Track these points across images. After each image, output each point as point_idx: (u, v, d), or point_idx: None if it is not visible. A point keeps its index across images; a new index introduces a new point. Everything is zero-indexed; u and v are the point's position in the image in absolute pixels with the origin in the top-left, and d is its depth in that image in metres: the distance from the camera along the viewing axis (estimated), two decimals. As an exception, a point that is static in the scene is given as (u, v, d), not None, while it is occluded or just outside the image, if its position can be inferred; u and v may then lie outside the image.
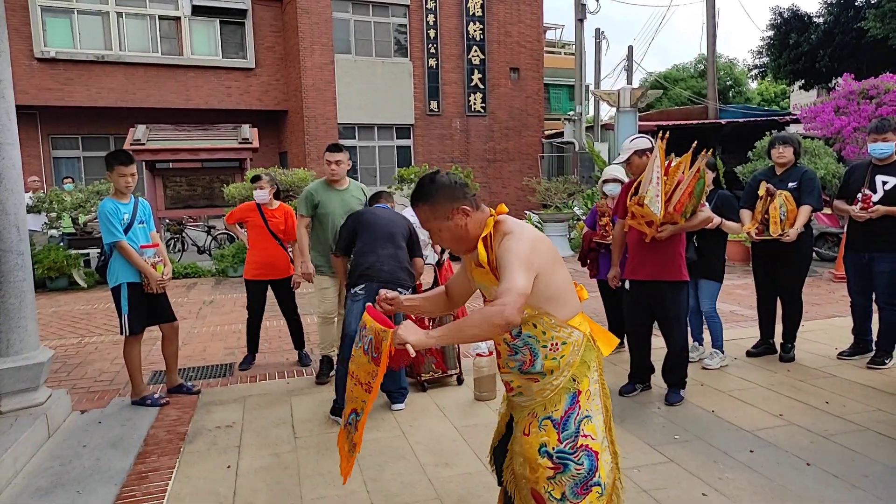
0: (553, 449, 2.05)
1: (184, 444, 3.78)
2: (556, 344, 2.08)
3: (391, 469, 3.37)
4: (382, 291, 2.28)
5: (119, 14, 16.69)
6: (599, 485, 2.06)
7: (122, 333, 4.30)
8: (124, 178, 4.23)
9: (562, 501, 2.04)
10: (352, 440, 2.10)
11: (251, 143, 11.50)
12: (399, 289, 3.97)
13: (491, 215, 2.13)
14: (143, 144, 11.06)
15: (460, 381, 4.73)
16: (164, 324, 4.55)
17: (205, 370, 5.35)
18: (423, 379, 4.61)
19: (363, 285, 3.99)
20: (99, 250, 7.10)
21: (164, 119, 15.46)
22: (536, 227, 13.11)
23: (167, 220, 12.97)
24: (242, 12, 17.55)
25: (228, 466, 3.47)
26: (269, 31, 18.09)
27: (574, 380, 2.09)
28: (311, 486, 3.21)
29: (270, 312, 5.68)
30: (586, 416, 2.08)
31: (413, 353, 1.94)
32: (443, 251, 5.01)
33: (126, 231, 4.23)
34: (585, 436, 2.07)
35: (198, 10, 17.12)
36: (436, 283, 4.93)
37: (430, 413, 4.18)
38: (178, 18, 17.20)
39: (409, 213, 5.12)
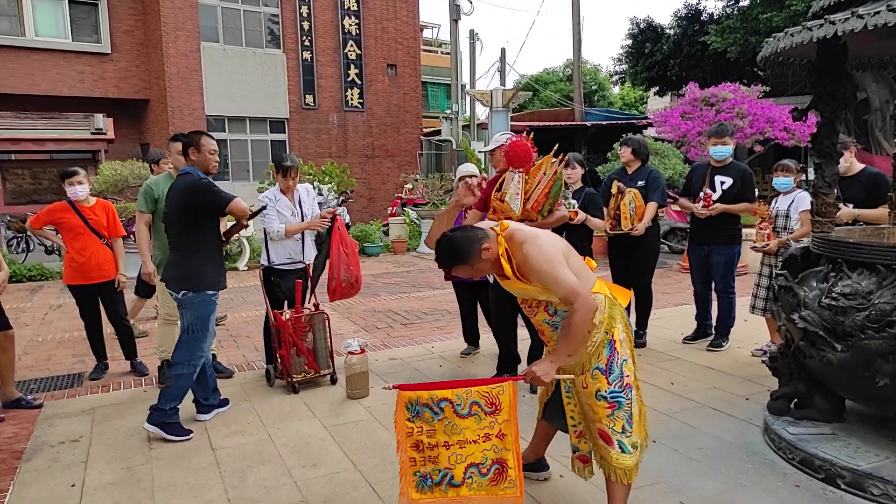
0: (606, 391, 2.48)
1: (20, 464, 3.43)
2: None
3: (255, 474, 3.26)
4: None
5: (-55, -15, 14.83)
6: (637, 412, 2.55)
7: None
8: None
9: (623, 433, 2.49)
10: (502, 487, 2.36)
11: (105, 133, 10.66)
12: (182, 291, 3.74)
13: (497, 234, 2.48)
14: (-24, 133, 9.92)
15: (334, 381, 4.67)
16: (-3, 332, 4.10)
17: (49, 381, 4.89)
18: (294, 380, 4.49)
19: None
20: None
21: (4, 106, 13.91)
22: (414, 223, 13.23)
23: (8, 217, 11.73)
24: (95, -8, 16.19)
25: (73, 484, 3.20)
26: (127, 13, 16.80)
27: (607, 332, 2.50)
28: (165, 499, 3.03)
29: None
30: (624, 360, 2.52)
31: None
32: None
33: None
34: (627, 375, 2.51)
35: (42, -13, 15.58)
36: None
37: (298, 414, 4.09)
38: (18, -6, 15.53)
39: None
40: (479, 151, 14.05)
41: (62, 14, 16.14)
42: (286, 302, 4.73)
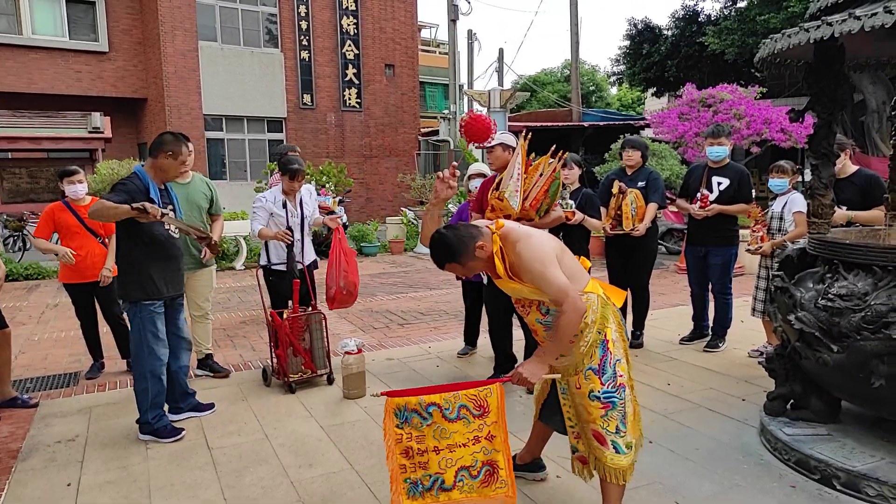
0: (599, 392, 2.48)
1: (16, 463, 3.42)
2: None
3: (251, 474, 3.26)
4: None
5: (-58, -17, 14.78)
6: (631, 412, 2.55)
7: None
8: None
9: (617, 433, 2.49)
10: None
11: (102, 132, 10.64)
12: (121, 300, 3.69)
13: (493, 232, 2.46)
14: (-27, 131, 9.90)
15: (330, 381, 4.66)
16: (-7, 331, 4.09)
17: (46, 380, 4.87)
18: (290, 380, 4.49)
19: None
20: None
21: (1, 104, 13.88)
22: (411, 223, 13.22)
23: (5, 216, 11.69)
24: (93, -10, 16.16)
25: (69, 484, 3.19)
26: (124, 12, 16.78)
27: (600, 332, 2.49)
28: (161, 498, 3.02)
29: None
30: (617, 360, 2.51)
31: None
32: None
33: None
34: (621, 375, 2.50)
35: (39, -15, 15.54)
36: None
37: (295, 414, 4.08)
38: (15, -8, 15.49)
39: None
40: (477, 147, 14.03)
41: (60, 12, 16.11)
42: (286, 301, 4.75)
